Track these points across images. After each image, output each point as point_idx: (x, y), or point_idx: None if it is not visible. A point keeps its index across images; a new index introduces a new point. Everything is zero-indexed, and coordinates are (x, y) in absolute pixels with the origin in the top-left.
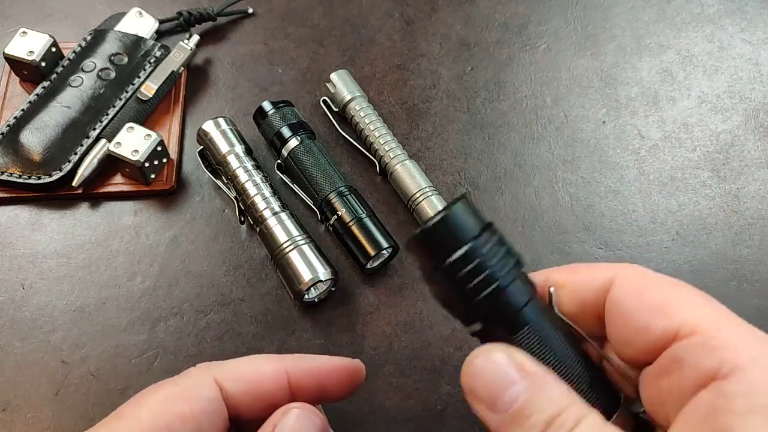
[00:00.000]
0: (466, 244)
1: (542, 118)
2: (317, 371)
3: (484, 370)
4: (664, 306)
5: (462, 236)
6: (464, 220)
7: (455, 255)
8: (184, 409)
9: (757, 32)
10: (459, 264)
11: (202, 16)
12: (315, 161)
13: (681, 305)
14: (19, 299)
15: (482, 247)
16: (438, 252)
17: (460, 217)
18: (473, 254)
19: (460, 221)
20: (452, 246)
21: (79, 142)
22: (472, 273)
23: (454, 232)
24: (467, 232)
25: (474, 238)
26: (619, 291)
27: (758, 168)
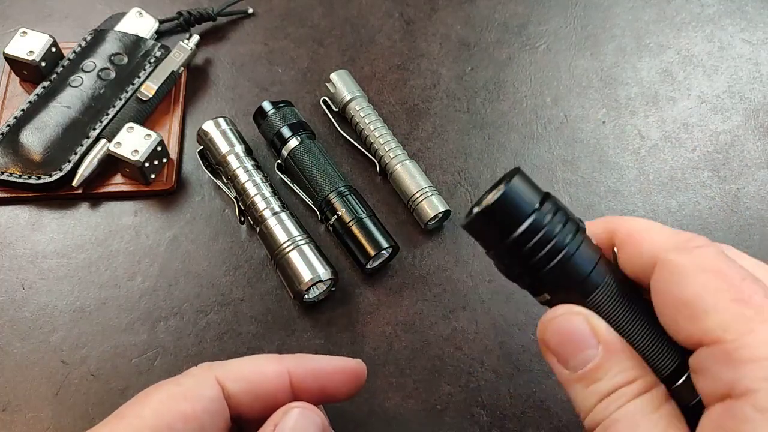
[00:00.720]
0: (529, 217)
1: (542, 118)
2: (319, 371)
3: (562, 328)
4: (694, 304)
5: (523, 209)
6: (523, 193)
7: (519, 229)
8: (186, 409)
9: (757, 32)
10: (524, 238)
11: (202, 16)
12: (315, 161)
13: (711, 305)
14: (19, 299)
15: (544, 217)
16: (501, 228)
17: (519, 191)
18: (537, 226)
19: (519, 195)
20: (515, 221)
21: (79, 142)
22: (537, 245)
23: (515, 207)
24: (528, 205)
25: (535, 210)
26: (658, 279)
27: (758, 168)
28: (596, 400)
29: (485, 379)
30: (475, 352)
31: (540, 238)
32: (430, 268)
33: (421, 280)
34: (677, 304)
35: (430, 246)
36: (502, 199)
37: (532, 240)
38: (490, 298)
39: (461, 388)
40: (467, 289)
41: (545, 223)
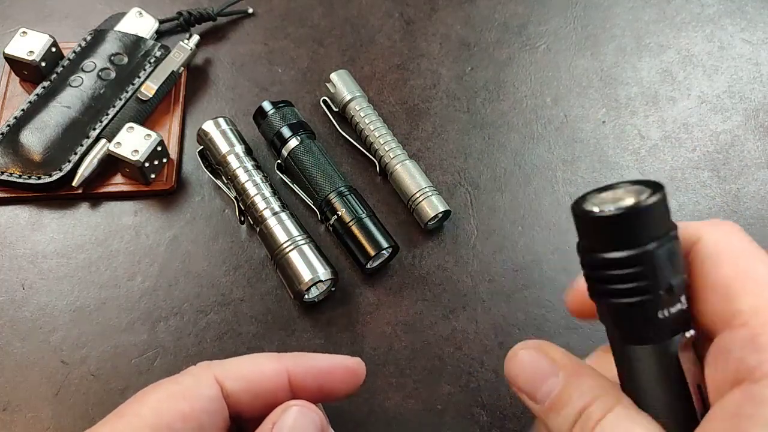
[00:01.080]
0: (637, 247)
1: (542, 118)
2: (318, 370)
3: (522, 365)
4: (725, 287)
5: (641, 235)
6: (652, 216)
7: (617, 254)
8: (185, 408)
9: (757, 32)
10: (617, 264)
11: (202, 16)
12: (315, 161)
13: (746, 288)
14: (19, 299)
15: (650, 255)
16: (603, 241)
17: (650, 214)
18: (636, 260)
19: (647, 217)
20: (623, 242)
21: (79, 142)
22: (627, 277)
23: (635, 227)
24: (647, 232)
25: (648, 242)
26: (697, 255)
27: (758, 168)
28: (569, 425)
29: (485, 379)
30: (475, 352)
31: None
32: (430, 268)
33: (421, 280)
34: (713, 284)
35: (430, 246)
36: (655, 204)
37: (623, 270)
38: (490, 298)
39: (461, 388)
40: (467, 289)
41: (646, 261)
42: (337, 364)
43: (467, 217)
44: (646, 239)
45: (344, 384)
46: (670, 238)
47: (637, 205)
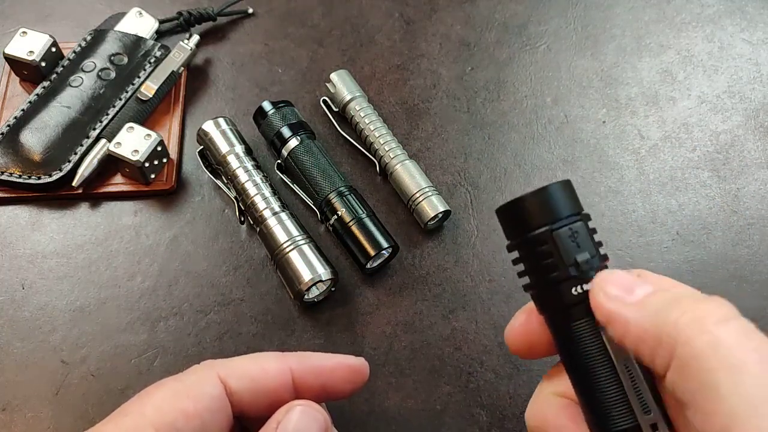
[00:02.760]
0: (548, 224)
1: (542, 118)
2: (321, 369)
3: (614, 276)
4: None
5: (556, 211)
6: (560, 198)
7: (533, 233)
8: (188, 406)
9: (757, 32)
10: (532, 243)
11: (202, 16)
12: (315, 161)
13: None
14: (19, 299)
15: (561, 232)
16: (518, 224)
17: (557, 195)
18: (545, 237)
19: (556, 198)
20: (534, 223)
21: (79, 142)
22: (543, 254)
23: (549, 205)
24: (556, 212)
25: (559, 220)
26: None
27: (758, 168)
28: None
29: (485, 379)
30: (475, 352)
31: (545, 249)
32: (430, 268)
33: (421, 280)
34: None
35: (430, 246)
36: (541, 193)
37: (539, 248)
38: (489, 298)
39: (461, 388)
40: (467, 289)
41: (558, 238)
42: (341, 363)
43: (467, 217)
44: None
45: (347, 383)
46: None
47: (541, 189)
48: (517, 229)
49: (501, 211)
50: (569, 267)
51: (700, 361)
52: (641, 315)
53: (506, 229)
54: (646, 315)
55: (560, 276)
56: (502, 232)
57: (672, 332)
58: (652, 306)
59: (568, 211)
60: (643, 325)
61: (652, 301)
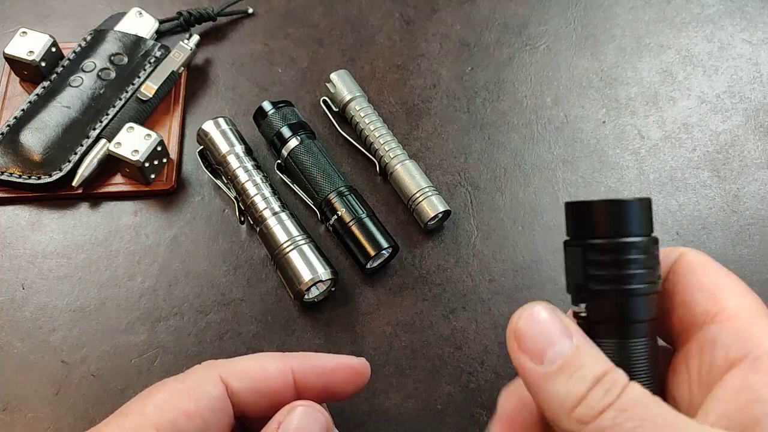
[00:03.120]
0: (642, 236)
1: (542, 118)
2: (322, 369)
3: (534, 323)
4: (712, 288)
5: (642, 225)
6: (646, 215)
7: (631, 239)
8: (189, 406)
9: (757, 32)
10: (628, 248)
11: (202, 16)
12: (315, 161)
13: (727, 292)
14: (19, 299)
15: (650, 247)
16: (612, 226)
17: (637, 212)
18: (642, 247)
19: (646, 213)
20: (631, 227)
21: (79, 142)
22: (628, 263)
23: (639, 218)
24: (646, 226)
25: (648, 235)
26: (681, 266)
27: (758, 168)
28: (585, 388)
29: (485, 379)
30: (475, 352)
31: (634, 259)
32: (430, 268)
33: (421, 280)
34: (698, 285)
35: (430, 246)
36: (636, 204)
37: (627, 255)
38: (490, 298)
39: (461, 388)
40: (467, 289)
41: (647, 252)
42: (342, 364)
43: (467, 217)
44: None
45: (349, 384)
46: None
47: (645, 199)
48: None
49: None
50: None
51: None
52: (552, 396)
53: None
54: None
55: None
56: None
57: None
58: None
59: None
60: (552, 412)
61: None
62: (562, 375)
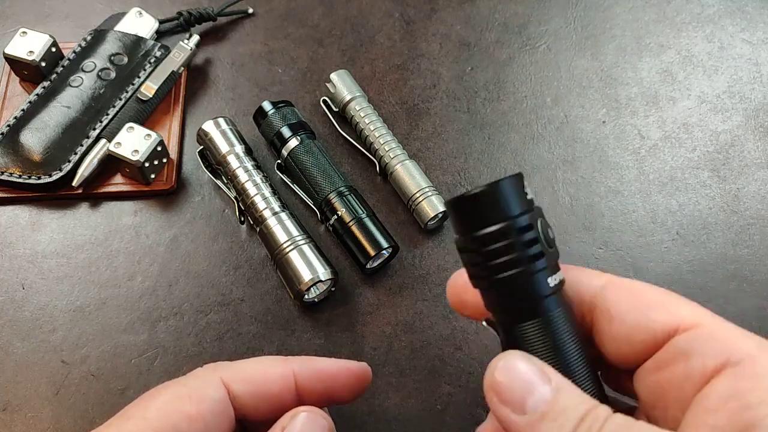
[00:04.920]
0: (504, 221)
1: (542, 118)
2: (324, 373)
3: (510, 374)
4: (662, 303)
5: (504, 209)
6: (509, 194)
7: (488, 229)
8: (191, 410)
9: (757, 32)
10: (489, 238)
11: (202, 16)
12: (315, 161)
13: (678, 304)
14: (19, 299)
15: (517, 227)
16: (473, 220)
17: (507, 191)
18: (506, 232)
19: (505, 194)
20: (489, 219)
21: (79, 142)
22: (500, 250)
23: (498, 203)
24: (508, 209)
25: (513, 217)
26: (613, 291)
27: (758, 168)
28: (571, 428)
29: None
30: (476, 352)
31: (504, 245)
32: (430, 268)
33: (421, 280)
34: (646, 304)
35: (430, 246)
36: (488, 191)
37: (495, 244)
38: None
39: (461, 388)
40: None
41: (515, 232)
42: (343, 368)
43: None
44: (525, 207)
45: (350, 388)
46: (540, 210)
47: (495, 183)
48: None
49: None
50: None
51: None
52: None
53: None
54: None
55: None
56: None
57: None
58: None
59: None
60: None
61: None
62: (545, 422)
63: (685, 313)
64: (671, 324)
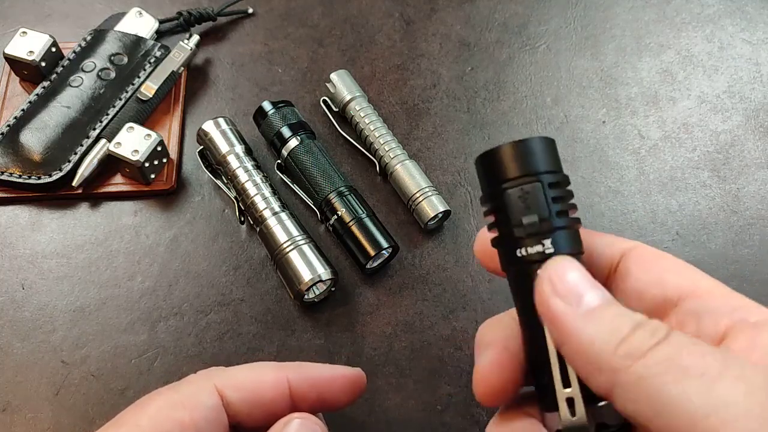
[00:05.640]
0: (534, 175)
1: (542, 118)
2: (318, 380)
3: (570, 271)
4: (681, 270)
5: (550, 162)
6: (543, 152)
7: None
8: (184, 417)
9: (757, 32)
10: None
11: (202, 16)
12: (315, 161)
13: (697, 275)
14: (19, 299)
15: (546, 185)
16: (503, 171)
17: (539, 149)
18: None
19: (538, 151)
20: (542, 163)
21: (79, 142)
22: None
23: (529, 158)
24: (538, 165)
25: (543, 173)
26: (638, 254)
27: (758, 168)
28: (630, 327)
29: None
30: None
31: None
32: (430, 268)
33: (421, 280)
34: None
35: (430, 246)
36: (510, 148)
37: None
38: (490, 298)
39: (461, 388)
40: (467, 289)
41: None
42: (338, 375)
43: (467, 217)
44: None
45: (344, 394)
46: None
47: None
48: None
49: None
50: (515, 228)
51: None
52: (592, 335)
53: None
54: (597, 337)
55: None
56: None
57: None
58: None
59: (525, 170)
60: (592, 352)
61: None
62: (603, 314)
63: (703, 283)
64: (683, 287)
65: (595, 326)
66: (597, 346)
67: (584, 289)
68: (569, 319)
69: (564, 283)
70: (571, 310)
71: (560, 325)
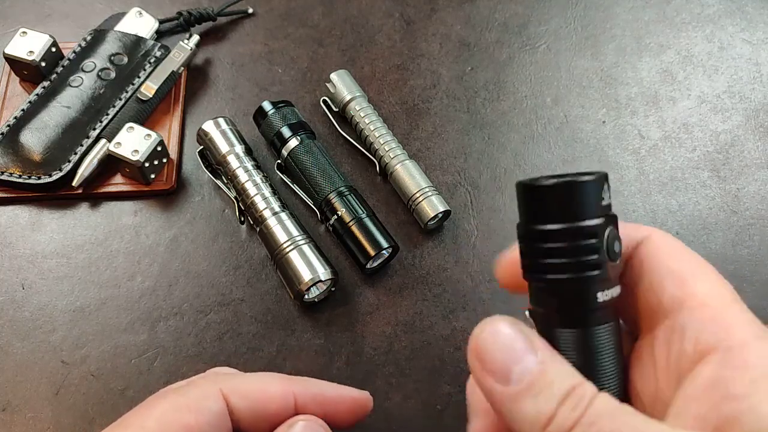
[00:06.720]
0: (568, 222)
1: (542, 118)
2: (325, 398)
3: (495, 342)
4: (680, 273)
5: (570, 212)
6: (583, 196)
7: (550, 226)
8: (189, 420)
9: (757, 32)
10: (548, 235)
11: (202, 16)
12: (315, 161)
13: (697, 278)
14: (19, 299)
15: (580, 232)
16: (538, 211)
17: (581, 192)
18: (567, 234)
19: (578, 196)
20: (554, 215)
21: (79, 142)
22: (555, 251)
23: (565, 203)
24: (578, 211)
25: (578, 220)
26: (648, 247)
27: (758, 168)
28: (553, 406)
29: None
30: None
31: (566, 246)
32: (430, 268)
33: (421, 280)
34: (667, 269)
35: (430, 246)
36: (562, 186)
37: (556, 241)
38: (490, 298)
39: (461, 388)
40: (467, 289)
41: (581, 236)
42: (346, 396)
43: (467, 217)
44: (596, 213)
45: (349, 415)
46: (614, 218)
47: (584, 178)
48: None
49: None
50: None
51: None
52: (522, 418)
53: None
54: (527, 419)
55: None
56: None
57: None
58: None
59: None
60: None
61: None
62: (530, 394)
63: (700, 290)
64: (679, 297)
65: (523, 408)
66: (527, 428)
67: (513, 360)
68: (499, 399)
69: (491, 356)
70: (500, 390)
71: (493, 404)
